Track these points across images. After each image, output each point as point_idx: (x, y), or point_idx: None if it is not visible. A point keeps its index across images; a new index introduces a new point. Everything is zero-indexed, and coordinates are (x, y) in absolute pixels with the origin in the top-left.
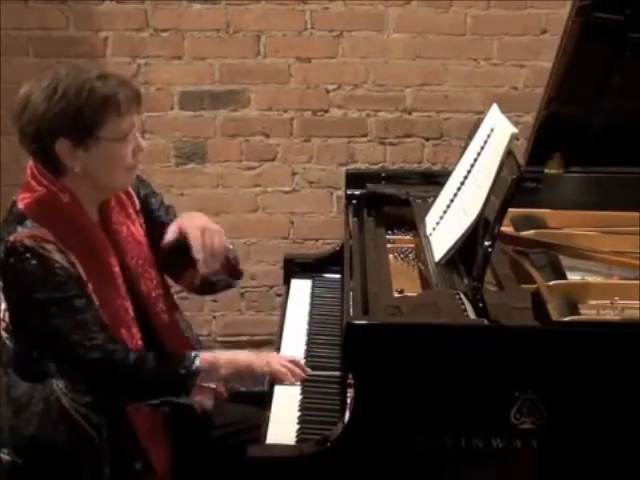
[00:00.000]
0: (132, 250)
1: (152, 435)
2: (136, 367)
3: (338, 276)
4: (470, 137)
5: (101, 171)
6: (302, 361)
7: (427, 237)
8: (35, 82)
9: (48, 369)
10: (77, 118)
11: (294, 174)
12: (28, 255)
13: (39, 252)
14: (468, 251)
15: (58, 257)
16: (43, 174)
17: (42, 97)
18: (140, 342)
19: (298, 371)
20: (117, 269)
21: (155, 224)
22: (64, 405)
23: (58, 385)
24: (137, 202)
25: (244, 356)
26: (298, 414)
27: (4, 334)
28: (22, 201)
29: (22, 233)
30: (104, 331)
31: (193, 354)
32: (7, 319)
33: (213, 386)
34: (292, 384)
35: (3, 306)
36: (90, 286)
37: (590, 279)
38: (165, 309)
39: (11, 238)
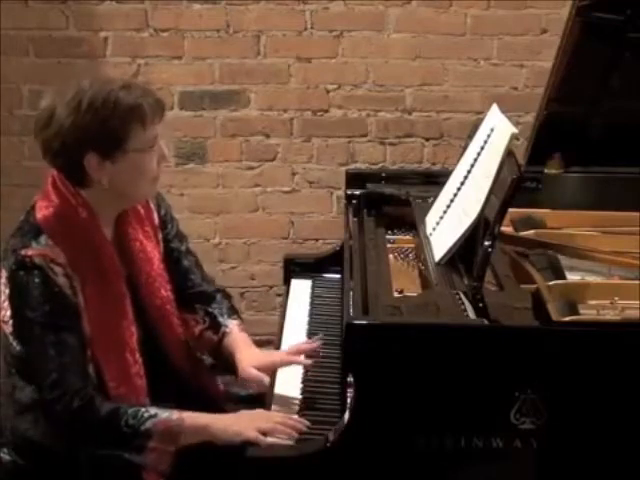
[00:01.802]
0: (143, 266)
1: None
2: (86, 416)
3: (338, 276)
4: (470, 137)
5: (127, 182)
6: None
7: (427, 237)
8: (57, 95)
9: None
10: (105, 130)
11: (294, 174)
12: (35, 272)
13: (45, 272)
14: (468, 251)
15: (62, 281)
16: (65, 185)
17: (68, 111)
18: (142, 367)
19: (281, 428)
20: (125, 291)
21: (166, 250)
22: None
23: None
24: (156, 217)
25: (214, 428)
26: (298, 414)
27: (10, 337)
28: (40, 212)
29: (35, 249)
30: (75, 375)
31: (147, 414)
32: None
33: (172, 449)
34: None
35: (10, 312)
36: (88, 316)
37: (590, 279)
38: (175, 325)
39: (23, 252)
